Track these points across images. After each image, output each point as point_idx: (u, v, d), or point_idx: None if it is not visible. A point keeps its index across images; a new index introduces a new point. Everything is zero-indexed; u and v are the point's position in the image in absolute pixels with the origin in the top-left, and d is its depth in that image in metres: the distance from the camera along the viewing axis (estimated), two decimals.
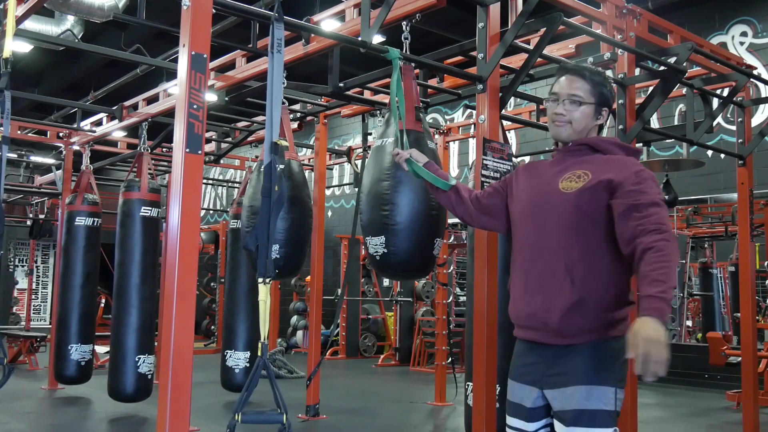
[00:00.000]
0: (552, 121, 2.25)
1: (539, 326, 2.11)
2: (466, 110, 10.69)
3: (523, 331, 2.20)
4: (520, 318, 2.19)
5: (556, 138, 2.26)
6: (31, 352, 8.98)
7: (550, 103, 2.25)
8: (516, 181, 2.36)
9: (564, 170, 2.19)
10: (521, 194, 2.29)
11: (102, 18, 5.68)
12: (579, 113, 2.20)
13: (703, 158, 7.24)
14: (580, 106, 2.19)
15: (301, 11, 4.48)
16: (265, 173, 2.63)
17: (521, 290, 2.17)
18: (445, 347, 6.94)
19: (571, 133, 2.22)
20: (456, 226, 9.69)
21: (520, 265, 2.20)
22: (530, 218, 2.20)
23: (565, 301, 2.05)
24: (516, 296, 2.21)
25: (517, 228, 2.26)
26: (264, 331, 2.56)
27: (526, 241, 2.20)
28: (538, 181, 2.25)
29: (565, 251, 2.07)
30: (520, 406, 2.16)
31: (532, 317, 2.13)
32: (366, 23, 3.55)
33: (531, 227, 2.19)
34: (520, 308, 2.18)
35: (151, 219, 5.72)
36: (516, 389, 2.19)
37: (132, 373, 5.51)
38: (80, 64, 11.06)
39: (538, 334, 2.13)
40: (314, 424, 5.65)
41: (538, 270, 2.13)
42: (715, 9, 8.75)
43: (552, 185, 2.18)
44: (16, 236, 14.91)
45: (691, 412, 6.70)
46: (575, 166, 2.18)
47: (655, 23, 4.40)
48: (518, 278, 2.20)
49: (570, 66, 2.33)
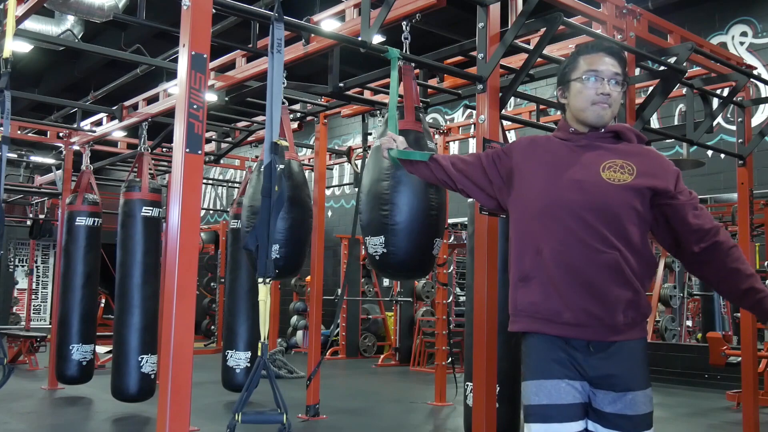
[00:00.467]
0: (592, 103, 2.04)
1: (590, 323, 1.95)
2: (466, 110, 10.69)
3: (558, 327, 1.98)
4: (556, 313, 1.98)
5: (598, 122, 2.07)
6: (31, 352, 8.97)
7: (590, 81, 2.05)
8: (518, 160, 2.16)
9: (599, 158, 2.04)
10: (536, 178, 2.09)
11: (102, 18, 5.68)
12: (618, 95, 2.06)
13: (703, 158, 7.24)
14: (621, 88, 2.06)
15: (301, 11, 4.49)
16: (265, 173, 2.63)
17: (560, 284, 1.97)
18: (445, 347, 6.94)
19: (611, 116, 2.07)
20: (456, 226, 9.70)
21: (555, 257, 1.99)
22: (564, 207, 2.00)
23: (625, 295, 1.96)
24: (547, 291, 1.99)
25: (539, 215, 2.04)
26: (264, 331, 2.56)
27: (561, 232, 1.99)
28: (562, 165, 2.06)
29: (619, 244, 1.96)
30: (567, 406, 1.95)
31: (581, 313, 1.95)
32: (366, 23, 3.55)
33: (569, 217, 1.98)
34: (557, 303, 1.97)
35: (152, 219, 5.72)
36: (552, 387, 1.97)
37: (135, 373, 5.52)
38: (80, 64, 11.05)
39: (583, 331, 1.96)
40: (314, 424, 5.64)
41: (583, 263, 1.96)
42: (715, 9, 8.75)
43: (590, 173, 2.02)
44: (16, 236, 14.90)
45: (691, 412, 6.70)
46: (609, 154, 2.05)
47: (655, 23, 4.40)
48: (553, 271, 1.98)
49: (606, 43, 2.15)
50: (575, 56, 2.12)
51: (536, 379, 2.00)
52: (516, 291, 2.09)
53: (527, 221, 2.08)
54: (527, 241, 2.06)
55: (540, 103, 5.66)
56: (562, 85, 2.15)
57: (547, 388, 1.97)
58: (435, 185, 3.39)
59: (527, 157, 2.15)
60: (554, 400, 1.95)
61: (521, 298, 2.07)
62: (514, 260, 2.12)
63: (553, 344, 2.00)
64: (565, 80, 2.14)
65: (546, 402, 1.96)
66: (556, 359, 1.99)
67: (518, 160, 2.16)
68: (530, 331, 2.05)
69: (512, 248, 2.14)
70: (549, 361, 1.99)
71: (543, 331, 2.01)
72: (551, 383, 1.97)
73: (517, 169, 2.15)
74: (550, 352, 2.00)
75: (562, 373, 1.97)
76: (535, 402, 1.98)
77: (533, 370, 2.02)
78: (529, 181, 2.10)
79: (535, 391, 1.99)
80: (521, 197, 2.12)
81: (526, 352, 2.07)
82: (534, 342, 2.04)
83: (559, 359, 1.98)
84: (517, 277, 2.08)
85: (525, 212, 2.10)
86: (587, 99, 2.05)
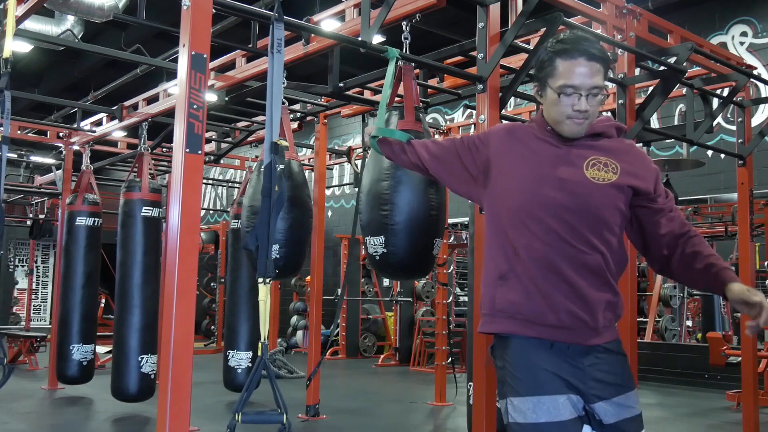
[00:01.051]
0: (567, 117, 1.95)
1: (574, 325, 1.89)
2: (466, 110, 10.69)
3: (541, 329, 1.91)
4: (539, 314, 1.90)
5: (573, 135, 1.98)
6: (31, 352, 8.97)
7: (566, 97, 1.93)
8: (495, 151, 2.06)
9: (582, 154, 1.98)
10: (515, 173, 2.00)
11: (102, 18, 5.68)
12: (597, 107, 1.96)
13: (703, 158, 7.25)
14: (599, 97, 1.95)
15: (301, 11, 4.48)
16: (265, 173, 2.63)
17: (542, 284, 1.90)
18: (445, 347, 6.94)
19: (588, 126, 1.98)
20: (456, 226, 9.70)
21: (536, 256, 1.92)
22: (546, 206, 1.93)
23: (606, 296, 1.93)
24: (529, 291, 1.92)
25: (518, 212, 1.96)
26: (264, 331, 2.56)
27: (543, 231, 1.92)
28: (544, 161, 1.98)
29: (601, 244, 1.93)
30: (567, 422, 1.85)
31: (565, 315, 1.89)
32: (366, 23, 3.55)
33: (550, 216, 1.92)
34: (539, 304, 1.90)
35: (152, 219, 5.72)
36: (551, 404, 1.85)
37: (135, 373, 5.51)
38: (80, 64, 11.05)
39: (567, 334, 1.90)
40: (314, 424, 5.65)
41: (565, 264, 1.90)
42: (715, 9, 8.75)
43: (574, 171, 1.95)
44: (16, 236, 14.90)
45: (691, 412, 6.70)
46: (591, 151, 1.99)
47: (655, 23, 4.40)
48: (534, 271, 1.92)
49: (583, 46, 1.93)
50: (552, 56, 1.96)
51: (533, 395, 1.87)
52: (494, 289, 1.98)
53: (506, 218, 1.99)
54: (506, 239, 1.98)
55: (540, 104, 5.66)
56: (538, 83, 2.03)
57: (545, 404, 1.85)
58: (435, 185, 3.40)
59: (505, 150, 2.06)
60: (553, 417, 1.84)
61: (500, 297, 1.96)
62: (491, 257, 2.03)
63: (540, 350, 1.90)
64: (540, 79, 2.02)
65: (545, 420, 1.84)
66: (550, 370, 1.88)
67: (496, 151, 2.07)
68: (512, 333, 1.94)
69: (489, 244, 2.06)
70: (543, 373, 1.88)
71: (526, 334, 1.92)
72: (549, 399, 1.86)
73: (494, 161, 2.06)
74: (541, 361, 1.90)
75: (559, 386, 1.87)
76: (532, 420, 1.85)
77: (526, 384, 1.89)
78: (508, 175, 2.02)
79: (532, 408, 1.86)
80: (499, 191, 2.03)
81: (511, 361, 1.94)
82: (519, 348, 1.93)
83: (552, 370, 1.88)
84: (495, 275, 1.99)
85: (503, 208, 2.01)
86: (562, 113, 1.96)
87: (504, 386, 1.97)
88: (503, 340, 1.98)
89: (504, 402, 1.95)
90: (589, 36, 2.00)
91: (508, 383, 1.94)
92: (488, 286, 2.02)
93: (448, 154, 2.20)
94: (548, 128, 2.04)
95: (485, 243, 2.09)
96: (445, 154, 2.21)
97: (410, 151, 2.32)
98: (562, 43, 1.96)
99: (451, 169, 2.19)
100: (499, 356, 2.01)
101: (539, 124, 2.07)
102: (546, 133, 2.03)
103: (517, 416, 1.88)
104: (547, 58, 1.98)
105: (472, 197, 2.23)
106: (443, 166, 2.22)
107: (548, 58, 1.98)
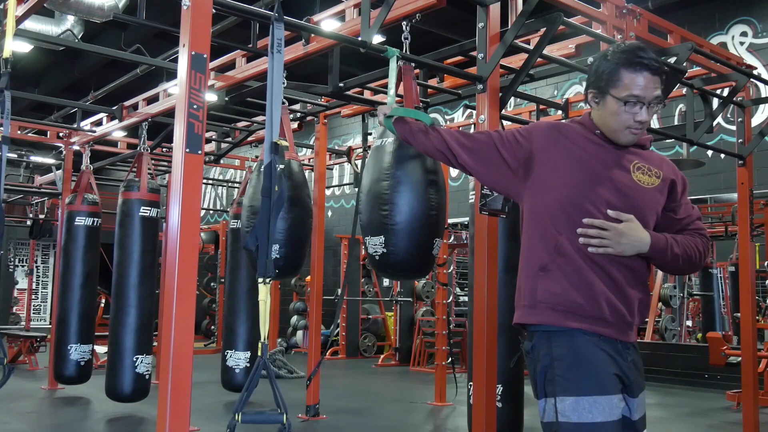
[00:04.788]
0: (627, 127, 1.99)
1: (615, 319, 1.94)
2: (466, 110, 10.69)
3: (583, 320, 1.93)
4: (580, 306, 1.93)
5: (628, 144, 2.04)
6: (31, 352, 8.97)
7: (631, 107, 1.97)
8: (540, 146, 2.07)
9: (628, 158, 2.04)
10: (563, 168, 2.03)
11: (102, 18, 5.67)
12: (653, 115, 2.05)
13: (703, 158, 7.25)
14: (655, 108, 2.02)
15: (301, 11, 4.48)
16: (265, 173, 2.63)
17: (586, 277, 1.94)
18: (445, 347, 6.94)
19: (639, 136, 2.06)
20: (456, 226, 9.70)
21: (580, 250, 1.95)
22: (595, 204, 1.97)
23: (641, 295, 2.01)
24: (572, 281, 1.94)
25: (565, 206, 1.99)
26: (264, 331, 2.56)
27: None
28: (593, 161, 2.02)
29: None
30: (617, 422, 1.90)
31: (606, 307, 1.93)
32: (366, 23, 3.55)
33: (598, 213, 1.96)
34: (582, 294, 1.93)
35: (150, 219, 5.72)
36: (605, 403, 1.88)
37: (129, 373, 5.50)
38: (80, 64, 11.05)
39: (610, 328, 1.94)
40: (314, 424, 5.64)
41: (608, 260, 1.95)
42: (715, 9, 8.75)
43: (624, 174, 2.01)
44: (16, 236, 14.90)
45: (691, 412, 6.70)
46: (635, 156, 2.06)
47: (655, 23, 4.40)
48: (579, 263, 1.94)
49: (647, 59, 1.97)
50: (616, 66, 1.99)
51: (590, 395, 1.86)
52: (535, 280, 1.99)
53: (550, 211, 2.00)
54: (547, 230, 2.00)
55: (540, 103, 5.66)
56: (596, 91, 2.04)
57: (601, 404, 1.86)
58: (435, 185, 3.40)
59: (551, 145, 2.06)
60: (608, 416, 1.86)
61: (542, 288, 1.97)
62: (531, 248, 2.04)
63: (595, 348, 1.91)
64: (600, 88, 2.03)
65: (600, 419, 1.85)
66: (608, 369, 1.90)
67: (540, 146, 2.07)
68: (555, 324, 1.95)
69: (528, 235, 2.07)
70: (602, 372, 1.89)
71: (570, 326, 1.92)
72: (605, 399, 1.87)
73: (538, 155, 2.06)
74: (598, 359, 1.91)
75: (615, 386, 1.90)
76: (588, 420, 1.84)
77: (584, 384, 1.88)
78: (555, 169, 2.03)
79: (588, 407, 1.85)
80: (543, 184, 2.04)
81: (565, 359, 1.92)
82: (576, 344, 1.92)
83: (610, 369, 1.91)
84: (536, 267, 2.00)
85: (549, 200, 2.01)
86: (623, 123, 2.00)
87: (549, 384, 1.93)
88: (547, 334, 1.97)
89: (551, 401, 1.91)
90: (646, 47, 2.04)
91: (559, 381, 1.91)
92: (528, 278, 2.03)
93: (483, 147, 2.17)
94: (597, 132, 2.07)
95: (523, 235, 2.10)
96: (480, 146, 2.18)
97: (435, 136, 2.28)
98: (626, 54, 1.99)
99: (486, 161, 2.16)
100: (544, 353, 1.96)
101: (587, 126, 2.09)
102: (595, 136, 2.07)
103: (573, 415, 1.87)
104: (610, 69, 2.00)
105: (510, 189, 2.19)
106: (476, 157, 2.18)
107: (612, 68, 2.00)
